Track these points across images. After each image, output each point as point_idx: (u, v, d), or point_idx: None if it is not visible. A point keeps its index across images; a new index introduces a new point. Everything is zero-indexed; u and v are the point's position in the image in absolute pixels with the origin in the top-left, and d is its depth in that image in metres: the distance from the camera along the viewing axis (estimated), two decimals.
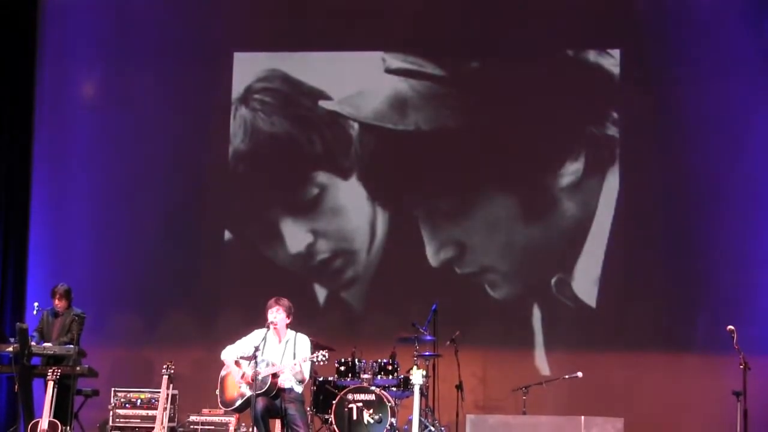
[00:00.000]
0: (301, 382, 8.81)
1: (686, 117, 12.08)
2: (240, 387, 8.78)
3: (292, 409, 8.68)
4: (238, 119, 12.71)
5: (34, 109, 12.75)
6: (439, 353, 11.09)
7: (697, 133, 12.05)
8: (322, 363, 8.79)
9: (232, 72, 12.75)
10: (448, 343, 11.02)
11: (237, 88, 12.75)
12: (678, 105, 12.11)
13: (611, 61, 12.32)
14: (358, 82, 12.63)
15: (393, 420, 10.29)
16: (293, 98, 12.68)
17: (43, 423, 9.64)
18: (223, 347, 9.05)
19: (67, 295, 10.83)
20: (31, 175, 12.63)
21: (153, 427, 9.98)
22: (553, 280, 12.12)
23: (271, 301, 8.91)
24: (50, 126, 12.80)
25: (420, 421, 9.00)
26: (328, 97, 12.64)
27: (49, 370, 9.97)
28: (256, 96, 12.73)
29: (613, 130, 12.25)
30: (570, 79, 12.31)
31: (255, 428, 8.63)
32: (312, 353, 8.79)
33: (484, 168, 12.34)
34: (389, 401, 10.36)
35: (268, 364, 8.66)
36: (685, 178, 12.08)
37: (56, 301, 10.83)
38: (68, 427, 10.16)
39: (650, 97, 12.21)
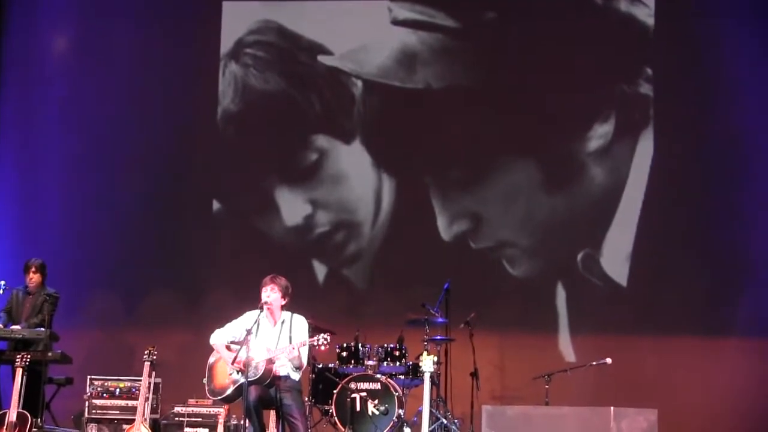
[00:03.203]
0: (298, 368, 8.76)
1: (727, 74, 12.05)
2: (230, 375, 8.73)
3: (288, 399, 8.62)
4: (228, 76, 12.74)
5: (1, 67, 12.77)
6: (452, 337, 11.09)
7: (739, 92, 12.02)
8: (322, 348, 8.69)
9: (220, 24, 12.78)
10: (462, 326, 11.01)
11: (226, 42, 12.80)
12: (718, 60, 12.07)
13: (645, 12, 12.28)
14: (362, 34, 12.65)
15: (400, 411, 10.32)
16: (289, 53, 12.71)
17: (11, 414, 9.57)
18: (212, 331, 8.99)
19: (42, 268, 10.85)
20: None
21: (133, 419, 9.89)
22: (579, 256, 12.12)
23: (266, 279, 8.88)
24: (19, 86, 12.87)
25: (431, 412, 9.02)
26: (328, 52, 12.64)
27: (18, 356, 9.93)
28: (248, 50, 12.74)
29: (646, 89, 12.22)
30: (599, 31, 12.32)
31: (247, 420, 8.60)
32: (311, 337, 8.72)
33: (502, 131, 12.32)
34: (396, 391, 10.38)
35: (261, 350, 8.60)
36: (727, 142, 12.03)
37: (30, 275, 10.82)
38: (39, 419, 10.14)
39: (688, 51, 12.18)
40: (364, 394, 10.26)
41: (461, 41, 12.45)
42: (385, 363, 10.74)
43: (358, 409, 10.22)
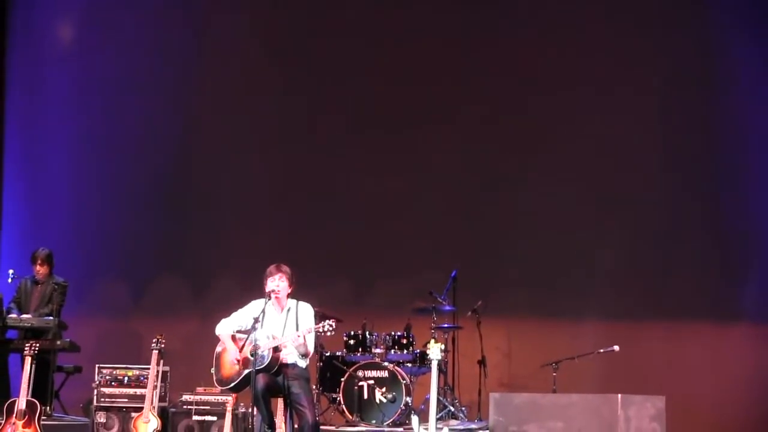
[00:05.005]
0: (304, 356, 8.75)
1: (733, 61, 12.07)
2: (237, 363, 8.72)
3: (295, 387, 8.60)
4: (232, 63, 12.67)
5: (6, 56, 12.73)
6: (460, 325, 11.12)
7: (749, 81, 12.05)
8: (328, 334, 8.70)
9: (225, 13, 12.75)
10: (470, 313, 11.06)
11: (230, 32, 12.73)
12: (728, 51, 12.10)
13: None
14: None
15: (408, 399, 10.33)
16: (294, 42, 12.67)
17: (21, 402, 9.61)
18: (218, 319, 8.95)
19: (49, 259, 10.88)
20: (3, 129, 12.63)
21: (142, 407, 10.00)
22: (585, 244, 12.04)
23: (272, 269, 8.80)
24: (24, 75, 12.83)
25: (438, 400, 9.08)
26: (330, 39, 12.64)
27: (27, 345, 9.96)
28: (252, 40, 12.68)
29: (655, 80, 12.21)
30: (605, 22, 12.28)
31: (255, 408, 8.59)
32: (317, 324, 8.72)
33: (508, 123, 12.32)
34: (404, 378, 10.39)
35: (268, 338, 8.62)
36: (734, 129, 12.05)
37: (37, 267, 10.87)
38: (48, 407, 10.22)
39: (697, 42, 12.19)
40: (371, 382, 10.30)
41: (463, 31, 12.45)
42: (392, 351, 10.74)
43: (365, 396, 10.29)
